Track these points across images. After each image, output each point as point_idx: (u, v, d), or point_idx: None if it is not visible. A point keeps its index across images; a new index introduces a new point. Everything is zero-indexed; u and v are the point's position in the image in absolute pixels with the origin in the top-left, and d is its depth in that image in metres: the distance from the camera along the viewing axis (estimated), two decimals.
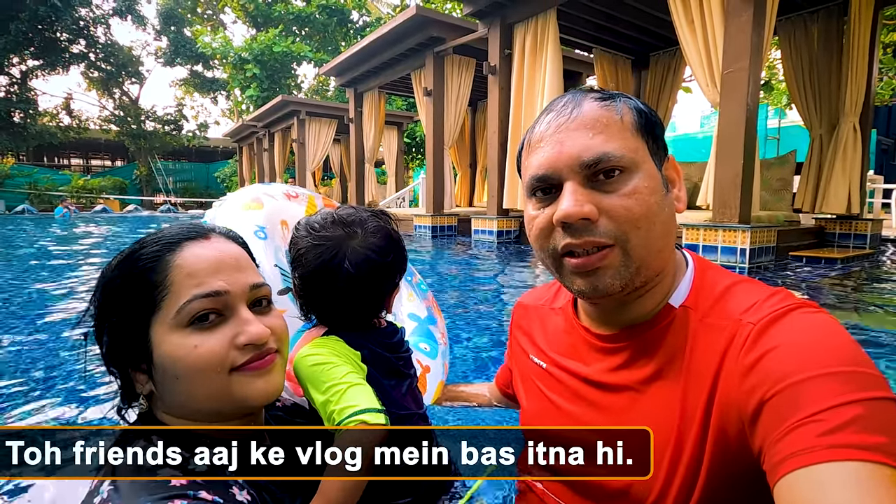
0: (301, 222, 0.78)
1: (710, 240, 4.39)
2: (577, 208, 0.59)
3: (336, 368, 0.68)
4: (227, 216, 1.14)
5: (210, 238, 0.64)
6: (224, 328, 0.60)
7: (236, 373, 0.60)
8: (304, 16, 22.57)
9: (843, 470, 0.42)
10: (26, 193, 21.85)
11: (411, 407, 0.77)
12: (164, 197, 25.08)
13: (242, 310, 0.62)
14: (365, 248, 0.73)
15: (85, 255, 6.59)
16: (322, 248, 0.73)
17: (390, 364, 0.76)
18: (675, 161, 0.68)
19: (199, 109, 32.83)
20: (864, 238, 5.74)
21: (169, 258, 0.60)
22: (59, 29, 21.06)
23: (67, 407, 1.75)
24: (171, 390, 0.60)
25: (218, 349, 0.59)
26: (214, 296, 0.59)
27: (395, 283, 0.79)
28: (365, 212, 0.77)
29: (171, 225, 0.67)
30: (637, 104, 0.65)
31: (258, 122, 15.59)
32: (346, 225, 0.74)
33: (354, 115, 10.81)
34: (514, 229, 6.94)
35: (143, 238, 0.63)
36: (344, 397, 0.65)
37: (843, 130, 5.50)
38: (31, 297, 3.64)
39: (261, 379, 0.61)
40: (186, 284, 0.59)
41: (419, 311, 1.44)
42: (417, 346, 1.32)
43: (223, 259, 0.62)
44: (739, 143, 4.16)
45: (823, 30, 5.61)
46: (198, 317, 0.59)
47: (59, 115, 25.57)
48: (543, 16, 6.03)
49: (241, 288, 0.62)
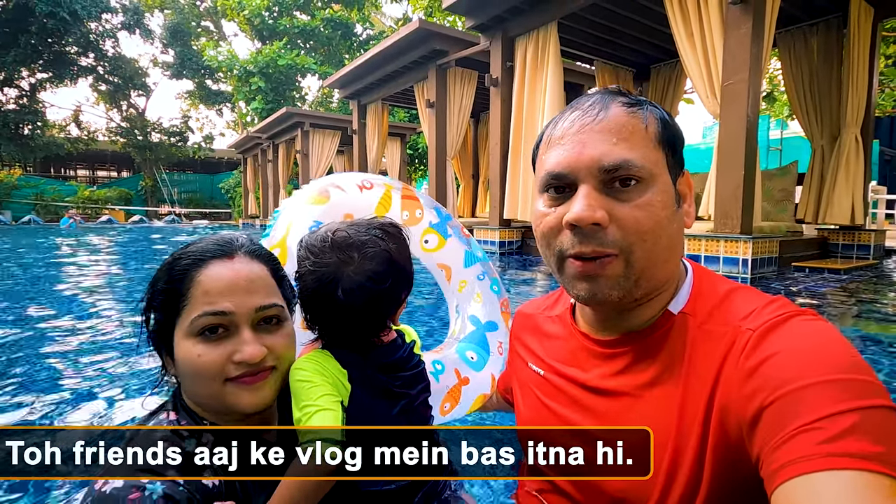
0: (302, 242, 0.78)
1: (712, 250, 4.38)
2: (590, 213, 0.59)
3: (314, 389, 0.70)
4: (293, 209, 1.16)
5: (234, 258, 0.72)
6: (226, 343, 0.68)
7: (230, 383, 0.68)
8: (309, 29, 22.84)
9: (840, 479, 0.41)
10: (33, 204, 22.04)
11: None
12: (168, 208, 25.25)
13: (245, 330, 0.69)
14: (359, 275, 0.72)
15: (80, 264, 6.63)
16: (317, 273, 0.73)
17: (380, 384, 0.76)
18: (689, 176, 0.68)
19: (204, 121, 33.22)
20: (868, 249, 5.71)
21: (194, 274, 0.69)
22: (68, 42, 21.39)
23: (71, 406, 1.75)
24: (183, 382, 0.72)
25: (216, 361, 0.67)
26: (220, 315, 0.68)
27: (398, 303, 0.79)
28: (365, 233, 0.75)
29: (206, 238, 0.75)
30: (663, 114, 0.65)
31: (263, 134, 15.72)
32: (341, 250, 0.73)
33: (358, 127, 10.90)
34: (516, 240, 6.94)
35: (183, 247, 0.74)
36: (311, 419, 0.67)
37: (844, 141, 5.51)
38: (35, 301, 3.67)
39: (250, 392, 0.69)
40: (201, 301, 0.68)
41: (481, 315, 1.40)
42: (464, 353, 1.28)
43: (237, 281, 0.70)
44: (740, 154, 4.17)
45: (823, 42, 5.65)
46: (207, 329, 0.68)
47: (68, 126, 25.90)
48: (544, 29, 6.10)
49: (247, 310, 0.69)
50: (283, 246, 1.09)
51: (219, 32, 28.17)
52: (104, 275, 5.70)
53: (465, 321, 1.41)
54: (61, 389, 1.98)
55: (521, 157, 6.38)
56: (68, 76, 22.72)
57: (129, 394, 1.95)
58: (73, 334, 2.85)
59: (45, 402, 1.86)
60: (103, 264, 6.73)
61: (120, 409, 1.81)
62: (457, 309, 1.48)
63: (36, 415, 1.74)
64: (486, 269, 1.47)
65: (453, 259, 1.44)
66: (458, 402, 1.18)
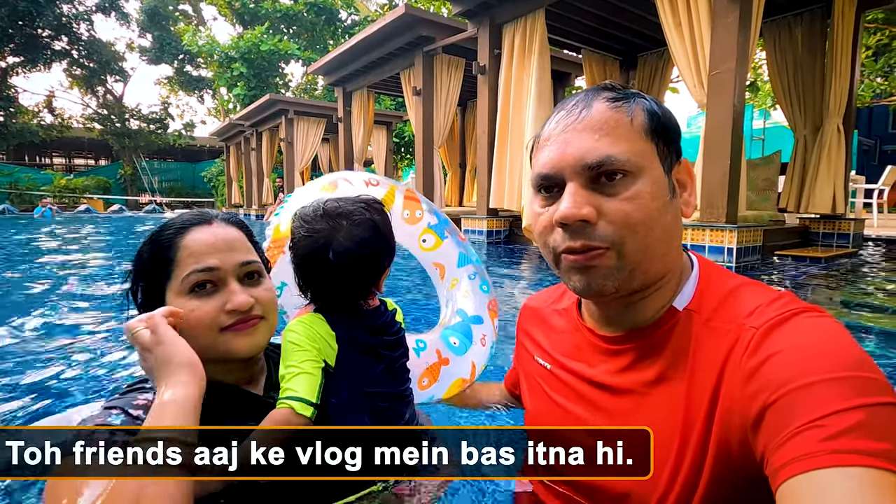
0: (297, 213, 0.85)
1: (698, 239, 4.44)
2: (575, 210, 0.60)
3: (300, 352, 0.77)
4: (307, 193, 1.27)
5: (212, 224, 0.80)
6: (216, 297, 0.75)
7: (225, 332, 0.75)
8: (292, 14, 22.38)
9: (845, 476, 0.41)
10: (6, 193, 21.40)
11: (386, 386, 0.83)
12: (149, 197, 24.72)
13: (232, 282, 0.77)
14: (348, 240, 0.80)
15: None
16: (310, 239, 0.81)
17: (366, 344, 0.83)
18: (689, 165, 0.67)
19: (184, 108, 32.66)
20: (848, 237, 5.84)
21: (178, 240, 0.76)
22: (40, 25, 20.63)
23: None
24: None
25: (210, 312, 0.74)
26: (208, 271, 0.75)
27: (381, 269, 0.86)
28: (352, 203, 0.83)
29: (185, 212, 0.83)
30: (651, 106, 0.64)
31: (245, 122, 15.43)
32: (331, 218, 0.81)
33: (343, 115, 10.75)
34: (503, 229, 6.94)
35: (165, 222, 0.80)
36: (292, 380, 0.74)
37: (827, 131, 5.59)
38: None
39: (244, 338, 0.76)
40: (188, 261, 0.75)
41: (468, 308, 1.51)
42: (447, 338, 1.37)
43: (217, 242, 0.77)
44: (726, 143, 4.21)
45: (807, 32, 5.70)
46: (196, 286, 0.75)
47: (41, 113, 25.10)
48: (532, 16, 6.04)
49: (232, 265, 0.77)
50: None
51: (198, 16, 27.46)
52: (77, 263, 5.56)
53: (452, 313, 1.51)
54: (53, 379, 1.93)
55: (508, 146, 6.36)
56: (41, 60, 21.96)
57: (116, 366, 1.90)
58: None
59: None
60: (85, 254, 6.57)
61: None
62: (446, 303, 1.58)
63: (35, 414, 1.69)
64: (478, 271, 1.58)
65: (447, 259, 1.56)
66: (436, 379, 1.28)
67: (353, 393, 0.79)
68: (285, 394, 0.73)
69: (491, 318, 1.51)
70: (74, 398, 1.83)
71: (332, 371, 0.78)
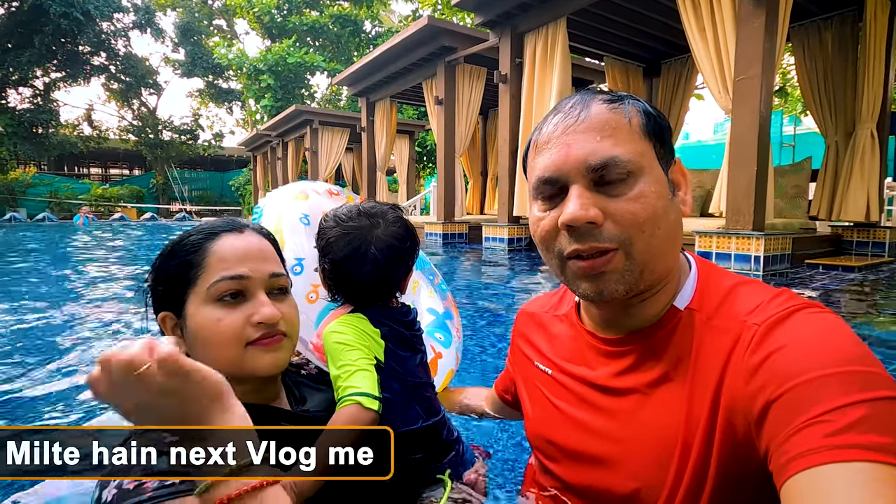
0: (329, 214, 0.87)
1: (724, 247, 4.34)
2: (583, 212, 0.59)
3: (352, 351, 0.77)
4: (279, 202, 1.31)
5: (244, 232, 0.77)
6: (244, 307, 0.71)
7: (251, 346, 0.71)
8: (318, 27, 22.88)
9: (849, 471, 0.41)
10: (47, 202, 22.37)
11: (423, 377, 0.86)
12: (179, 205, 25.48)
13: (260, 294, 0.73)
14: (388, 236, 0.83)
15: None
16: (350, 236, 0.82)
17: (406, 339, 0.85)
18: (682, 164, 0.68)
19: (214, 119, 33.48)
20: (883, 246, 5.62)
21: (208, 245, 0.73)
22: (81, 42, 21.61)
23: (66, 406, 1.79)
24: (196, 354, 0.70)
25: (236, 323, 0.70)
26: (238, 279, 0.71)
27: (410, 266, 0.89)
28: (384, 205, 0.88)
29: (214, 219, 0.79)
30: (645, 107, 0.65)
31: (272, 132, 15.80)
32: (370, 216, 0.84)
33: (366, 124, 10.91)
34: (524, 237, 6.92)
35: (192, 227, 0.77)
36: (351, 378, 0.74)
37: (860, 137, 5.42)
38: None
39: (269, 354, 0.72)
40: (218, 267, 0.71)
41: (438, 307, 1.61)
42: (433, 334, 1.46)
43: (250, 250, 0.74)
44: (752, 149, 4.12)
45: (838, 36, 5.55)
46: (226, 294, 0.70)
47: (81, 125, 26.23)
48: (553, 25, 6.06)
49: (262, 275, 0.73)
50: (280, 233, 1.21)
51: (231, 31, 28.33)
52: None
53: (424, 314, 1.59)
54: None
55: None
56: (81, 75, 22.98)
57: None
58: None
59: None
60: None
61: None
62: (412, 305, 1.65)
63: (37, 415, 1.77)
64: (434, 272, 1.68)
65: None
66: (435, 373, 1.36)
67: (403, 385, 0.81)
68: (347, 392, 0.73)
69: (455, 312, 1.63)
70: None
71: (382, 366, 0.79)
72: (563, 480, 0.73)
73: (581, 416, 0.71)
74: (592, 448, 0.68)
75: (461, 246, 8.08)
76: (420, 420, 0.80)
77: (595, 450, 0.68)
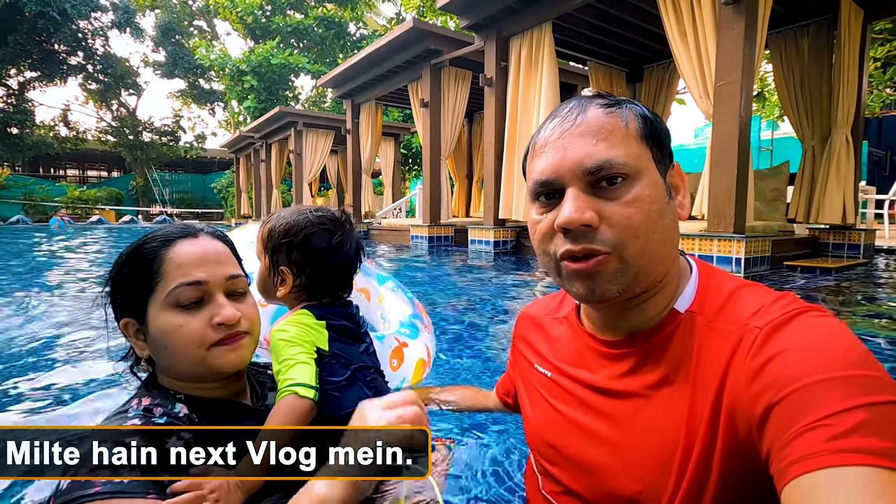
0: (301, 215, 0.93)
1: (706, 250, 4.42)
2: (578, 215, 0.59)
3: (292, 347, 0.81)
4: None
5: (198, 237, 0.78)
6: (204, 310, 0.73)
7: (213, 347, 0.73)
8: (302, 28, 22.74)
9: (850, 475, 0.41)
10: (21, 204, 21.77)
11: (368, 362, 0.92)
12: (160, 208, 25.04)
13: (219, 296, 0.75)
14: (355, 234, 0.96)
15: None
16: (327, 234, 0.91)
17: (348, 329, 0.92)
18: (681, 168, 0.68)
19: (196, 121, 32.78)
20: (858, 248, 5.78)
21: (164, 252, 0.73)
22: (57, 41, 21.13)
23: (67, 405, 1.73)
24: (160, 357, 0.74)
25: (198, 328, 0.72)
26: (196, 284, 0.73)
27: (358, 266, 1.00)
28: (342, 213, 0.98)
29: (169, 224, 0.83)
30: (643, 111, 0.65)
31: (255, 133, 15.63)
32: (335, 219, 0.95)
33: (351, 127, 10.87)
34: (510, 239, 6.95)
35: (147, 234, 0.77)
36: (290, 371, 0.78)
37: (835, 142, 5.57)
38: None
39: (233, 353, 0.75)
40: (175, 274, 0.72)
41: (405, 311, 1.77)
42: (399, 329, 1.64)
43: (206, 255, 0.76)
44: (733, 154, 4.21)
45: (814, 43, 5.71)
46: (185, 300, 0.72)
47: (57, 126, 25.61)
48: (539, 29, 6.11)
49: (219, 278, 0.76)
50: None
51: (211, 31, 27.98)
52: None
53: (394, 317, 1.72)
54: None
55: (516, 157, 6.39)
56: (58, 75, 22.48)
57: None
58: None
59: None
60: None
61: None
62: (381, 316, 1.81)
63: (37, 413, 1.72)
64: (396, 283, 1.80)
65: (368, 282, 1.79)
66: (402, 360, 1.48)
67: (349, 370, 0.87)
68: (285, 383, 0.77)
69: (422, 312, 1.74)
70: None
71: (328, 354, 0.85)
72: (563, 484, 0.73)
73: (581, 418, 0.70)
74: (593, 451, 0.68)
75: (447, 249, 8.08)
76: (366, 398, 0.84)
77: (595, 453, 0.67)
